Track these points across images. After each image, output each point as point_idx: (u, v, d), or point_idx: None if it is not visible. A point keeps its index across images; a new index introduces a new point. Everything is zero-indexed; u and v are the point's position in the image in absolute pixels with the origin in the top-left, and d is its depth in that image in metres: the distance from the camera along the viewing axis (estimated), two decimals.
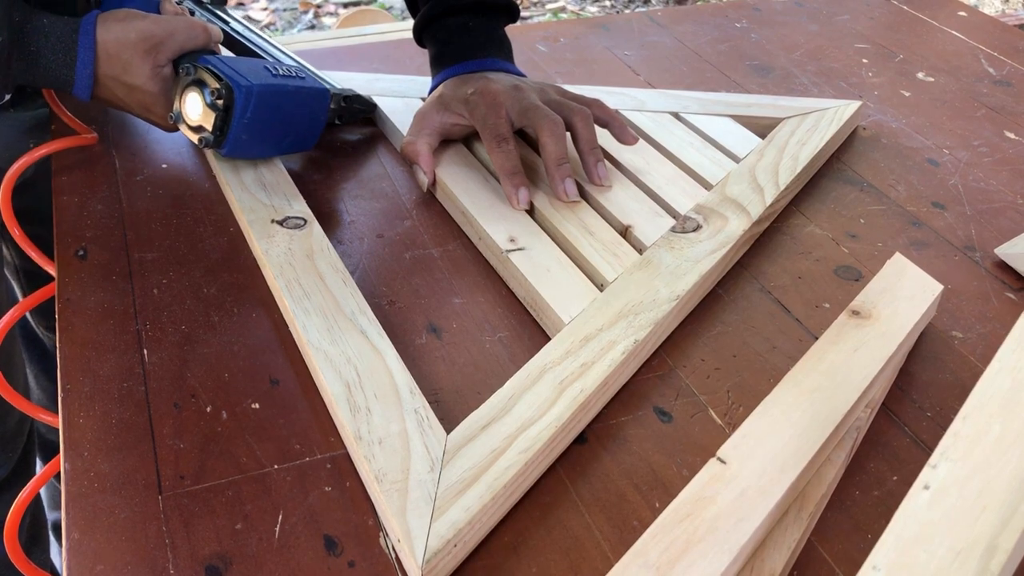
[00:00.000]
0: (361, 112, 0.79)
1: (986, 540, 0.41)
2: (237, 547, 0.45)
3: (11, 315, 0.68)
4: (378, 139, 0.82)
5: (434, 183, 0.72)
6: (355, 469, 0.50)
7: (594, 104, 0.74)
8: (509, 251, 0.64)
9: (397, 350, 0.55)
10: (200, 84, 0.65)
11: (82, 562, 0.44)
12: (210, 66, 0.65)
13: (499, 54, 0.78)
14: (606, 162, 0.72)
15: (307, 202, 0.68)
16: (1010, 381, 0.50)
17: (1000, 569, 0.40)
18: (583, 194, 0.71)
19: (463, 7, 0.78)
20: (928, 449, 0.53)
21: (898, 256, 0.63)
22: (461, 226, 0.70)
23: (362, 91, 0.84)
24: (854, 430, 0.51)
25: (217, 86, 0.64)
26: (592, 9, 3.50)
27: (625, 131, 0.74)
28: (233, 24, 0.81)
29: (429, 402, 0.52)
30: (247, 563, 0.45)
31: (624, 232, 0.67)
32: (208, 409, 0.53)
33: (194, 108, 0.66)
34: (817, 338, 0.60)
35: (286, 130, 0.69)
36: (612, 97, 0.86)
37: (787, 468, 0.47)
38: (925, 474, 0.45)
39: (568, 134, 0.71)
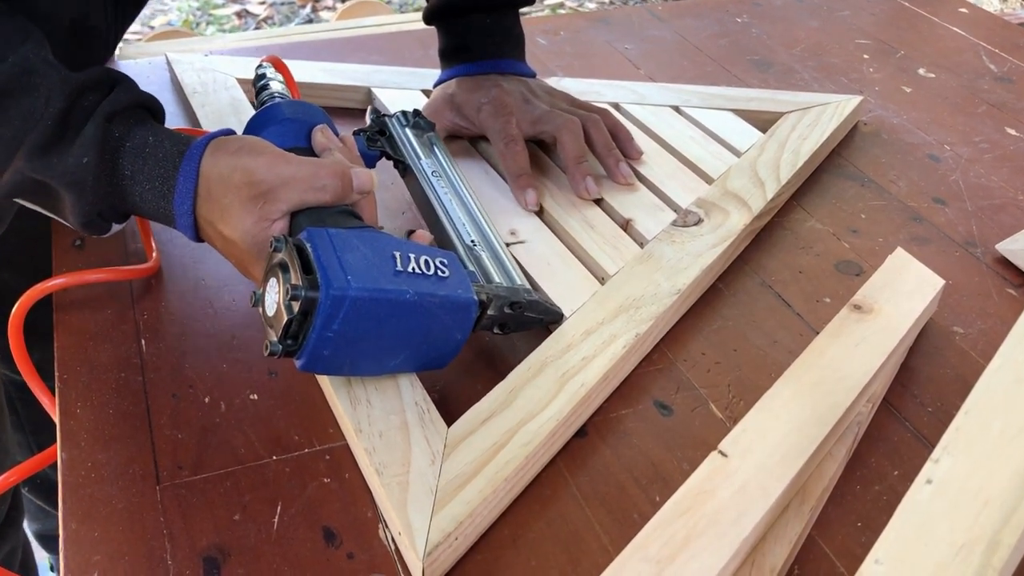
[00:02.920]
0: (537, 322, 0.56)
1: (988, 535, 0.41)
2: (235, 538, 0.45)
3: None
4: None
5: None
6: (354, 461, 0.49)
7: (603, 113, 0.74)
8: (510, 244, 0.64)
9: None
10: (284, 269, 0.47)
11: (79, 552, 0.44)
12: (306, 246, 0.47)
13: (513, 53, 0.78)
14: (626, 162, 0.72)
15: None
16: (1012, 376, 0.50)
17: (1002, 564, 0.40)
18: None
19: (478, 3, 0.76)
20: (929, 444, 0.53)
21: (900, 251, 0.63)
22: None
23: (361, 84, 0.83)
24: (855, 425, 0.51)
25: (296, 281, 0.45)
26: (590, 6, 3.49)
27: (631, 144, 0.74)
28: (423, 162, 0.66)
29: (429, 395, 0.52)
30: (245, 554, 0.44)
31: (625, 226, 0.67)
32: (206, 400, 0.53)
33: (270, 299, 0.48)
34: (818, 332, 0.60)
35: (399, 348, 0.50)
36: (613, 90, 0.85)
37: (788, 462, 0.47)
38: (927, 469, 0.45)
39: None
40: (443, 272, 0.50)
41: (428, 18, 0.79)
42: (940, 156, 0.82)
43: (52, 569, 1.23)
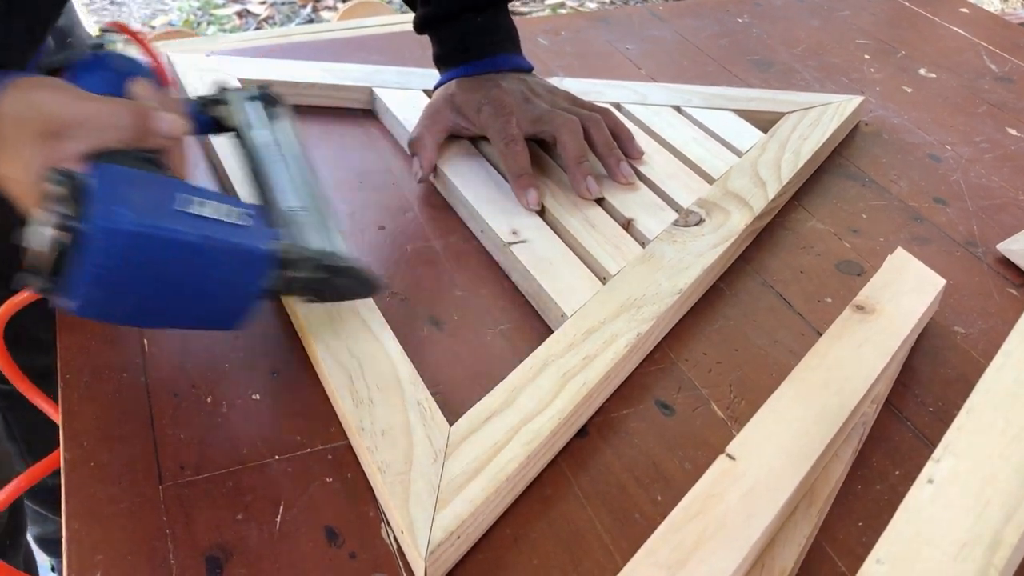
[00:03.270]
0: (355, 292, 0.54)
1: (990, 534, 0.41)
2: (238, 538, 0.45)
3: None
4: (380, 131, 0.81)
5: (427, 177, 0.72)
6: (356, 460, 0.49)
7: (605, 113, 0.74)
8: (511, 243, 0.64)
9: (399, 342, 0.55)
10: (59, 202, 0.44)
11: (82, 552, 0.44)
12: (87, 181, 0.44)
13: (509, 47, 0.78)
14: (627, 161, 0.72)
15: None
16: (1014, 376, 0.50)
17: (1004, 563, 0.40)
18: None
19: (467, 4, 0.77)
20: (930, 444, 0.53)
21: (900, 251, 0.63)
22: (463, 219, 0.69)
23: (362, 84, 0.83)
24: (860, 426, 0.51)
25: (70, 214, 0.43)
26: (591, 6, 3.49)
27: (632, 144, 0.74)
28: (254, 132, 0.61)
29: (431, 393, 0.52)
30: (248, 554, 0.44)
31: (626, 225, 0.67)
32: (208, 399, 0.53)
33: (40, 233, 0.44)
34: (819, 333, 0.60)
35: (179, 296, 0.47)
36: (614, 90, 0.86)
37: (796, 464, 0.47)
38: (928, 468, 0.45)
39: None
40: (243, 221, 0.47)
41: (420, 27, 0.79)
42: (941, 156, 0.82)
43: (53, 570, 1.23)
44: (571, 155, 0.69)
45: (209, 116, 0.62)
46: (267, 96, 0.65)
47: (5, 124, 0.48)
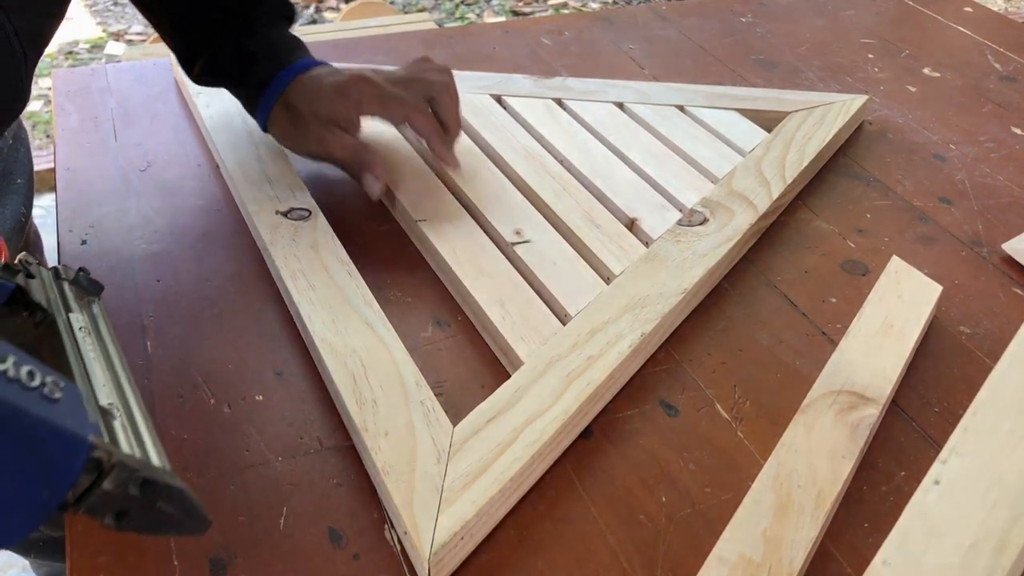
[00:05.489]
0: (174, 525, 0.37)
1: (997, 535, 0.41)
2: (241, 539, 0.45)
3: None
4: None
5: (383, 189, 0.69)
6: (360, 461, 0.49)
7: (439, 85, 0.70)
8: (514, 244, 0.64)
9: (403, 342, 0.55)
10: None
11: (84, 555, 0.44)
12: None
13: (304, 52, 0.72)
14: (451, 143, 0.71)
15: (311, 193, 0.68)
16: (1020, 376, 0.50)
17: (1011, 565, 0.40)
18: (588, 186, 0.71)
19: (243, 47, 0.70)
20: (936, 444, 0.52)
21: (895, 259, 0.63)
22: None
23: None
24: (867, 427, 0.51)
25: None
26: (594, 6, 3.49)
27: (447, 150, 0.71)
28: (72, 316, 0.49)
29: (435, 394, 0.51)
30: (251, 555, 0.44)
31: (630, 225, 0.67)
32: (212, 401, 0.53)
33: None
34: (824, 333, 0.60)
35: None
36: (617, 90, 0.85)
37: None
38: (935, 469, 0.45)
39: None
40: (53, 394, 0.33)
41: (209, 80, 0.73)
42: (946, 155, 0.82)
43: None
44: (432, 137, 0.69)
45: (10, 283, 0.50)
46: (83, 280, 0.54)
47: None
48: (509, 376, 0.53)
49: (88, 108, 0.79)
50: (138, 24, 3.16)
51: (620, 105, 0.84)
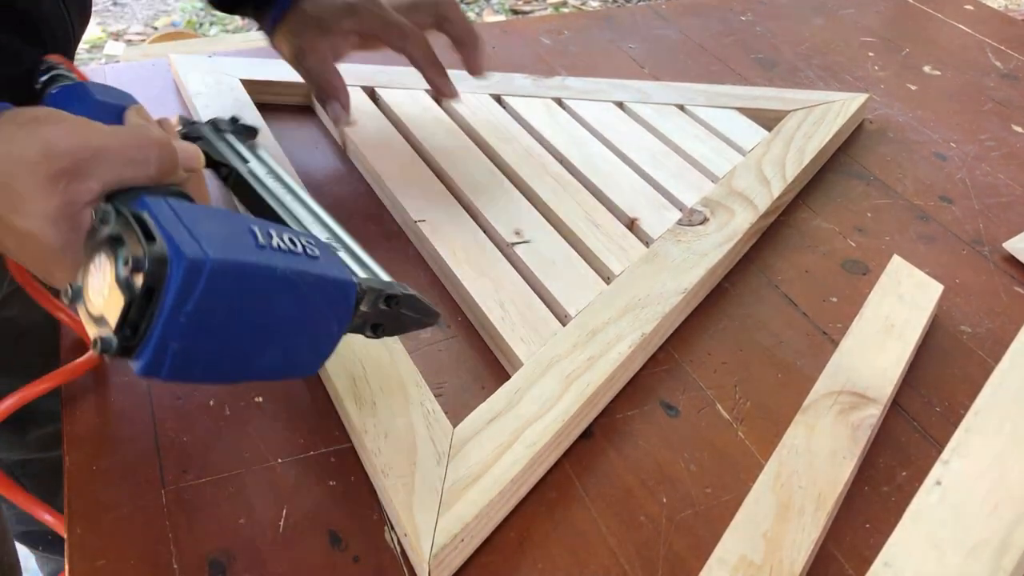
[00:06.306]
0: (415, 322, 0.47)
1: (999, 536, 0.41)
2: (241, 541, 0.45)
3: None
4: None
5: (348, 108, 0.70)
6: (360, 463, 0.49)
7: (444, 4, 0.71)
8: (514, 244, 0.63)
9: (402, 343, 0.54)
10: (118, 243, 0.37)
11: (84, 557, 0.44)
12: (143, 213, 0.37)
13: None
14: (447, 73, 0.70)
15: (310, 193, 0.67)
16: (1022, 376, 0.50)
17: (1013, 566, 0.39)
18: (587, 186, 0.71)
19: None
20: (937, 444, 0.52)
21: (896, 258, 0.63)
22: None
23: (364, 84, 0.83)
24: (867, 428, 0.51)
25: (140, 250, 0.35)
26: (594, 4, 3.49)
27: (476, 58, 0.71)
28: (252, 165, 0.56)
29: (435, 395, 0.51)
30: (251, 557, 0.44)
31: (630, 225, 0.67)
32: (211, 402, 0.52)
33: (97, 284, 0.37)
34: (825, 332, 0.60)
35: (267, 341, 0.39)
36: (617, 89, 0.85)
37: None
38: (936, 470, 0.45)
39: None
40: (312, 252, 0.40)
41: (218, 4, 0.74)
42: (946, 154, 0.82)
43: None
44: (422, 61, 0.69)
45: None
46: (242, 128, 0.61)
47: (3, 168, 0.39)
48: (509, 377, 0.53)
49: None
50: (137, 24, 3.16)
51: (620, 104, 0.83)
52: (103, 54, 2.63)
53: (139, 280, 0.35)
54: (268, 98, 0.81)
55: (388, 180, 0.70)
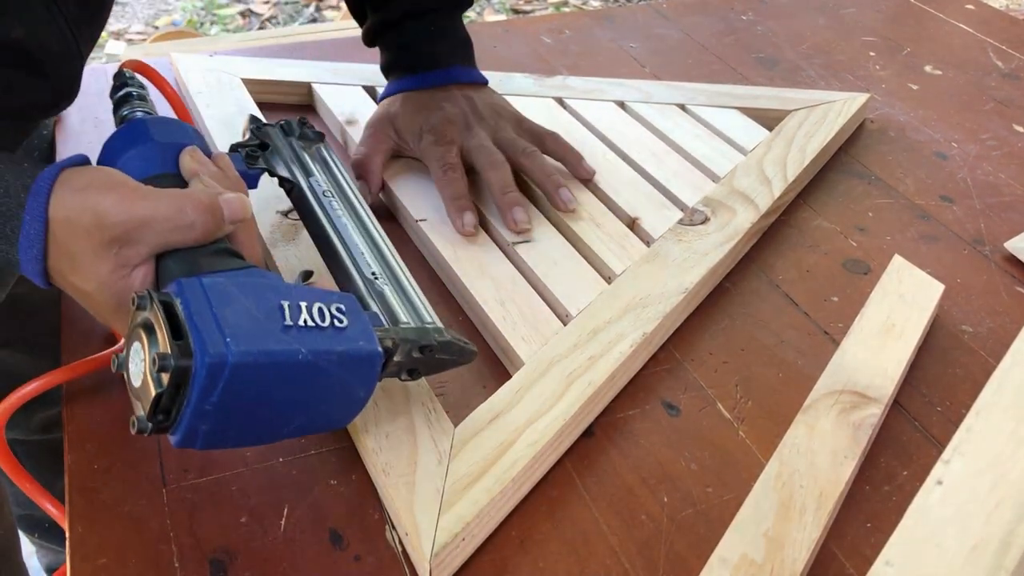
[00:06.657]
0: (452, 363, 0.49)
1: (1000, 535, 0.41)
2: (242, 541, 0.45)
3: None
4: None
5: (376, 197, 0.70)
6: (361, 462, 0.49)
7: (548, 137, 0.72)
8: (515, 243, 0.63)
9: None
10: (149, 331, 0.40)
11: (85, 556, 0.44)
12: (175, 302, 0.40)
13: (458, 59, 0.74)
14: (567, 185, 0.69)
15: None
16: (1023, 376, 0.50)
17: (1015, 565, 0.39)
18: (589, 186, 0.71)
19: (420, 10, 0.72)
20: (938, 444, 0.52)
21: (897, 258, 0.63)
22: None
23: (365, 84, 0.83)
24: (868, 427, 0.51)
25: (164, 349, 0.38)
26: (595, 4, 3.49)
27: (581, 165, 0.71)
28: (313, 180, 0.59)
29: (436, 395, 0.51)
30: (252, 557, 0.44)
31: (632, 224, 0.67)
32: None
33: (135, 366, 0.41)
34: (826, 332, 0.60)
35: (292, 414, 0.43)
36: (618, 89, 0.85)
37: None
38: (937, 469, 0.45)
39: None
40: (340, 321, 0.42)
41: (369, 40, 0.75)
42: (947, 153, 0.82)
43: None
44: (495, 188, 0.67)
45: (258, 168, 0.58)
46: (309, 132, 0.63)
47: (63, 233, 0.43)
48: (510, 376, 0.53)
49: (89, 108, 0.79)
50: (138, 23, 3.16)
51: (621, 104, 0.83)
52: (104, 53, 2.63)
53: (166, 377, 0.38)
54: (269, 97, 0.82)
55: (389, 179, 0.70)
